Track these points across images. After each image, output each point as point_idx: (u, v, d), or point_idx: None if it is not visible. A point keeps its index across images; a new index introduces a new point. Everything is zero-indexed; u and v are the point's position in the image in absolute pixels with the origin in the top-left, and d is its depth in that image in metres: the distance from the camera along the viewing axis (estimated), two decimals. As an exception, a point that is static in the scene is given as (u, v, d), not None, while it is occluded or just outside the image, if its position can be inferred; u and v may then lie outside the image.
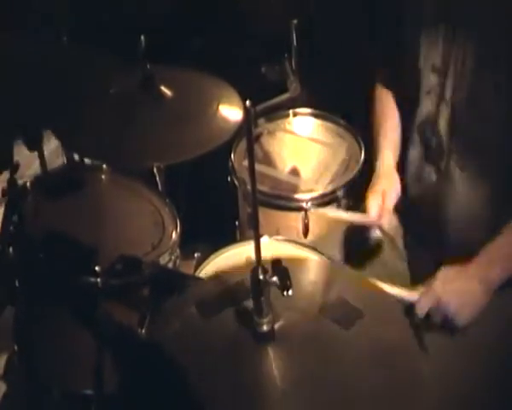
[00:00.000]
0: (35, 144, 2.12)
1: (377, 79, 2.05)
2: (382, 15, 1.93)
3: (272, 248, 2.01)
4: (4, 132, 2.04)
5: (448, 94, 1.75)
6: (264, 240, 2.02)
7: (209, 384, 1.28)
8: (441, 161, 1.82)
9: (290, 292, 1.25)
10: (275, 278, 1.26)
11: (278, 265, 1.27)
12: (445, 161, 1.81)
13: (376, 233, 1.91)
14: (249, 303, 1.32)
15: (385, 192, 1.89)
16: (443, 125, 1.79)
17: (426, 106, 1.82)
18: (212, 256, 2.01)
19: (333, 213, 2.19)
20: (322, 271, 1.59)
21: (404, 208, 1.97)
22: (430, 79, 1.78)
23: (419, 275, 1.85)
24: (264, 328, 1.30)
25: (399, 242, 2.01)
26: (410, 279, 1.97)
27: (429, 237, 1.91)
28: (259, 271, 1.26)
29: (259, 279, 1.26)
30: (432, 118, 1.81)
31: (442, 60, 1.74)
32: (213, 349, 1.34)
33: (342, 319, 1.36)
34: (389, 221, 1.91)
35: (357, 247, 1.99)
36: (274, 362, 1.30)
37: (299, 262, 1.63)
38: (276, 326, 1.32)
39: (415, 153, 1.90)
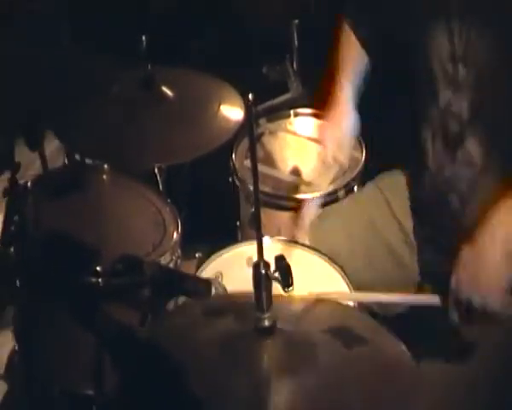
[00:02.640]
0: (36, 144, 2.13)
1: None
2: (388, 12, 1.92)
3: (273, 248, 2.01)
4: (5, 132, 2.04)
5: (466, 80, 1.73)
6: (266, 240, 2.02)
7: (208, 381, 1.28)
8: (460, 147, 1.80)
9: (291, 288, 1.25)
10: (277, 274, 1.26)
11: (281, 261, 1.27)
12: (464, 148, 1.79)
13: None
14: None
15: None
16: (463, 110, 1.77)
17: (444, 94, 1.80)
18: (213, 256, 2.00)
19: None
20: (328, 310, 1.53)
21: (418, 202, 1.96)
22: (447, 68, 1.76)
23: (428, 269, 1.84)
24: (266, 323, 1.30)
25: (411, 235, 2.01)
26: (418, 273, 1.96)
27: (443, 230, 1.88)
28: (261, 265, 1.26)
29: (261, 274, 1.25)
30: (452, 105, 1.79)
31: (456, 48, 1.72)
32: (213, 345, 1.34)
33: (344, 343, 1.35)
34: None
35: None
36: (273, 358, 1.30)
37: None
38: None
39: (436, 144, 1.87)
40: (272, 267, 1.28)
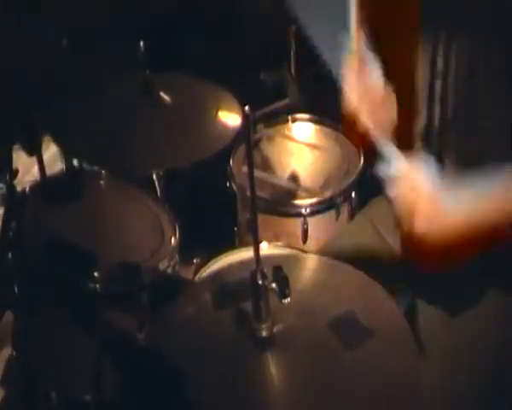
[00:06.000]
0: (34, 150, 2.12)
1: None
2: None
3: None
4: (3, 138, 2.04)
5: (448, 96, 1.73)
6: (263, 246, 2.02)
7: (207, 390, 1.28)
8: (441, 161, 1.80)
9: (288, 300, 1.25)
10: (274, 285, 1.26)
11: (279, 271, 1.27)
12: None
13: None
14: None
15: None
16: (444, 123, 1.76)
17: (428, 111, 1.80)
18: (211, 262, 2.01)
19: None
20: (333, 273, 1.53)
21: None
22: (430, 83, 1.76)
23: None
24: (263, 333, 1.30)
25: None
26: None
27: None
28: (258, 276, 1.26)
29: (258, 284, 1.26)
30: (434, 122, 1.79)
31: (442, 63, 1.72)
32: (212, 353, 1.34)
33: (348, 338, 1.33)
34: None
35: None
36: (272, 368, 1.30)
37: (306, 260, 1.61)
38: (278, 330, 1.32)
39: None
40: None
